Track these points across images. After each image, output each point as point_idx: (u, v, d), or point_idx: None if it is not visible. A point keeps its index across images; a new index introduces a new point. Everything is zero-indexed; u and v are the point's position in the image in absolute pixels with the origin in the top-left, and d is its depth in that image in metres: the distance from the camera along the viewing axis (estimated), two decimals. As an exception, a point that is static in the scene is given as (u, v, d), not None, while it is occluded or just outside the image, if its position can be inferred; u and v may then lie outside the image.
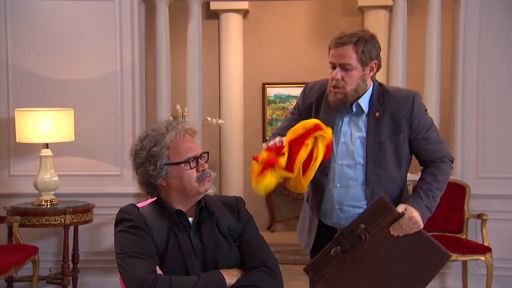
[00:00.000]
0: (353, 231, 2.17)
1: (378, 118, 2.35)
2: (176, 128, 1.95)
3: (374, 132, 2.34)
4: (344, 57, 2.30)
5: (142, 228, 1.89)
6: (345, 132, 2.37)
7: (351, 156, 2.37)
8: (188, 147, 1.95)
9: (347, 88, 2.32)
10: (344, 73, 2.31)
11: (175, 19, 5.15)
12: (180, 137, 1.94)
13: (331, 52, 2.35)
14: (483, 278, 4.23)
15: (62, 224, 4.17)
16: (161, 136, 1.93)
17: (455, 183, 4.44)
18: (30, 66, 4.62)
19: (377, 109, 2.35)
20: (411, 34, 4.85)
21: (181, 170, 1.94)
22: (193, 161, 1.95)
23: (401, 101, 2.36)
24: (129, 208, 1.97)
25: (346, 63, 2.30)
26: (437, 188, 2.35)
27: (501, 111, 4.49)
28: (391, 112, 2.35)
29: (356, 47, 2.30)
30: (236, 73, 6.56)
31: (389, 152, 2.36)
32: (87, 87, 4.63)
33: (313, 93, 2.48)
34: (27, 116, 4.22)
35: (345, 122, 2.38)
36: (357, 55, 2.30)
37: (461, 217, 4.40)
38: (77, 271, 4.48)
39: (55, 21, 4.64)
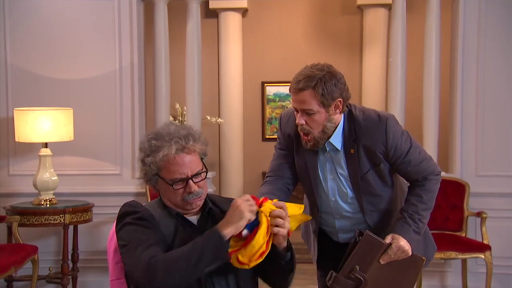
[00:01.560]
0: (350, 275, 2.17)
1: (353, 154, 2.28)
2: (173, 144, 1.87)
3: (353, 168, 2.30)
4: (304, 103, 2.19)
5: (149, 220, 1.88)
6: (330, 168, 2.34)
7: (341, 191, 2.36)
8: (176, 169, 1.88)
9: (314, 133, 2.23)
10: (307, 118, 2.22)
11: (174, 18, 5.15)
12: (171, 157, 1.88)
13: (292, 97, 2.25)
14: (482, 276, 4.23)
15: (62, 224, 4.17)
16: (157, 149, 1.89)
17: (454, 181, 4.45)
18: (29, 65, 4.62)
19: (351, 146, 2.28)
20: (410, 32, 4.85)
21: (167, 187, 1.91)
22: (179, 183, 1.89)
23: (373, 132, 2.26)
24: (134, 203, 1.97)
25: (307, 109, 2.20)
26: (424, 209, 2.31)
27: (500, 109, 4.49)
28: (365, 146, 2.27)
29: (315, 91, 2.17)
30: (235, 72, 6.56)
31: (374, 182, 2.32)
32: (86, 86, 4.63)
33: (289, 127, 2.39)
34: (26, 115, 4.21)
35: (327, 159, 2.34)
36: (317, 99, 2.18)
37: (460, 216, 4.40)
38: (77, 271, 4.48)
39: (54, 20, 4.63)
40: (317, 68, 2.21)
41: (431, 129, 4.58)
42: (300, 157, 2.37)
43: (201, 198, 1.93)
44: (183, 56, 4.88)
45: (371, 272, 2.18)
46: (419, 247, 2.38)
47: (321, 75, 2.18)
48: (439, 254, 4.08)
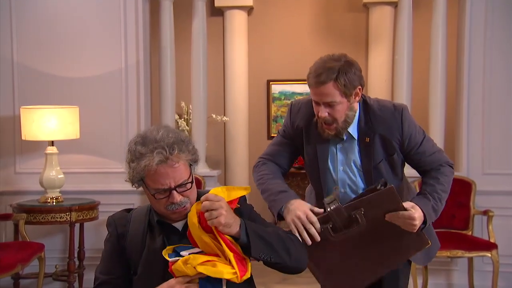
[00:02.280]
0: (351, 212, 2.11)
1: (368, 143, 2.27)
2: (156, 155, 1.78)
3: (367, 157, 2.28)
4: (327, 95, 2.17)
5: (114, 244, 1.93)
6: (341, 160, 2.32)
7: (352, 182, 2.34)
8: (158, 180, 1.81)
9: (338, 123, 2.23)
10: (330, 109, 2.20)
11: (179, 17, 5.16)
12: (152, 168, 1.79)
13: (311, 91, 2.22)
14: (489, 275, 4.22)
15: (68, 221, 4.18)
16: (140, 156, 1.80)
17: (461, 180, 4.43)
18: (35, 64, 4.63)
19: (366, 134, 2.27)
20: (416, 30, 4.83)
21: (150, 196, 1.88)
22: (161, 193, 1.83)
23: (389, 121, 2.27)
24: (115, 216, 1.99)
25: (331, 101, 2.18)
26: (442, 190, 2.28)
27: (506, 107, 4.47)
28: (380, 135, 2.26)
29: (337, 83, 2.15)
30: (240, 70, 6.55)
31: (386, 172, 2.31)
32: (92, 84, 4.64)
33: (300, 117, 2.38)
34: (33, 113, 4.23)
35: (338, 149, 2.32)
36: (340, 90, 2.17)
37: (467, 214, 4.39)
38: (83, 268, 4.50)
39: (60, 19, 4.64)
40: (334, 59, 2.20)
41: (437, 127, 4.56)
42: (311, 148, 2.34)
43: (185, 208, 1.85)
44: (188, 54, 4.88)
45: (372, 223, 2.12)
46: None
47: (340, 65, 2.17)
48: (446, 253, 4.07)
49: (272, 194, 2.26)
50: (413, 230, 2.16)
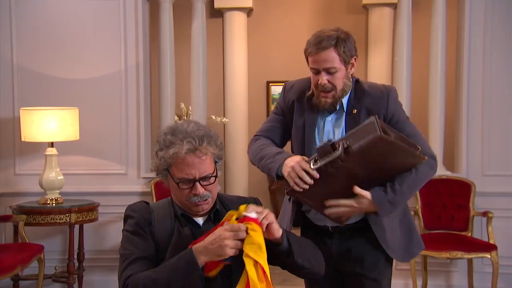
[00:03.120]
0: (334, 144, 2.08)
1: (355, 115, 2.32)
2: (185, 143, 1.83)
3: (352, 128, 2.26)
4: (327, 61, 2.25)
5: (142, 226, 1.88)
6: (327, 131, 2.35)
7: None
8: (184, 169, 1.84)
9: (336, 90, 2.28)
10: (330, 77, 2.26)
11: (179, 18, 5.16)
12: (180, 156, 1.83)
13: (311, 58, 2.29)
14: (488, 276, 4.22)
15: (68, 223, 4.18)
16: (170, 145, 1.85)
17: (460, 181, 4.43)
18: (35, 65, 4.63)
19: (354, 106, 2.33)
20: (416, 31, 4.83)
21: (174, 185, 1.89)
22: (185, 183, 1.86)
23: (376, 97, 2.34)
24: (136, 206, 1.96)
25: (330, 67, 2.25)
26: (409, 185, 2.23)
27: (506, 109, 4.48)
28: (367, 108, 2.32)
29: (337, 49, 2.25)
30: (240, 72, 6.56)
31: None
32: (92, 86, 4.64)
33: (293, 92, 2.44)
34: (32, 115, 4.23)
35: (327, 122, 2.35)
36: (340, 56, 2.26)
37: (466, 215, 4.39)
38: (83, 270, 4.49)
39: (59, 20, 4.65)
40: (332, 30, 2.30)
41: (437, 128, 4.57)
42: (299, 119, 2.39)
43: (207, 201, 1.89)
44: (188, 56, 4.88)
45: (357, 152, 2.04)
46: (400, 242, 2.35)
47: (339, 34, 2.28)
48: (445, 254, 4.08)
49: (269, 157, 2.30)
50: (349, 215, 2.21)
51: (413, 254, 2.45)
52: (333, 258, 2.34)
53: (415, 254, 2.49)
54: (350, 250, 2.35)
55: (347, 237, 2.35)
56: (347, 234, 2.35)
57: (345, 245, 2.35)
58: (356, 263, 2.35)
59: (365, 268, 2.34)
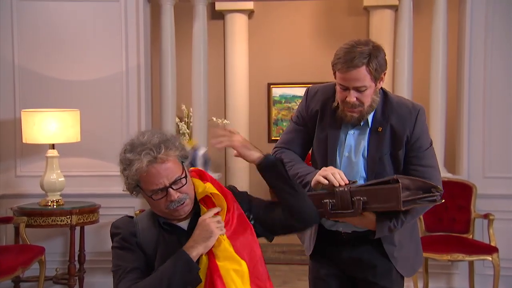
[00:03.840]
0: (353, 198, 2.12)
1: (380, 132, 2.25)
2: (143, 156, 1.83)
3: (376, 147, 2.26)
4: (359, 80, 2.15)
5: (128, 240, 1.91)
6: (348, 145, 2.30)
7: (353, 169, 2.30)
8: (152, 181, 1.83)
9: (364, 107, 2.20)
10: (359, 94, 2.17)
11: (180, 20, 5.16)
12: (143, 170, 1.82)
13: (340, 75, 2.17)
14: (489, 278, 4.21)
15: (68, 225, 4.18)
16: (130, 162, 1.85)
17: (461, 183, 4.43)
18: (36, 67, 4.64)
19: (380, 124, 2.26)
20: (417, 33, 4.84)
21: (149, 198, 1.88)
22: (158, 193, 1.84)
23: (404, 116, 2.26)
24: (119, 222, 1.98)
25: (361, 86, 2.16)
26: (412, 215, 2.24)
27: (507, 111, 4.48)
28: (393, 127, 2.25)
29: (369, 67, 2.14)
30: (241, 73, 6.56)
31: (388, 167, 2.27)
32: (93, 88, 4.65)
33: (316, 100, 2.36)
34: (34, 117, 4.23)
35: (349, 135, 2.30)
36: (371, 75, 2.15)
37: (467, 217, 4.38)
38: (83, 271, 4.49)
39: (61, 22, 4.65)
40: (363, 43, 2.19)
41: (438, 130, 4.56)
42: (322, 132, 2.33)
43: (185, 204, 1.87)
44: (189, 58, 4.89)
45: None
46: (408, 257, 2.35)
47: (370, 49, 2.16)
48: (446, 256, 4.07)
49: (300, 177, 2.27)
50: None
51: (415, 269, 2.44)
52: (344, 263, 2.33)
53: (417, 270, 2.47)
54: (362, 257, 2.31)
55: (359, 244, 2.32)
56: (359, 241, 2.31)
57: (357, 252, 2.32)
58: (368, 270, 2.31)
59: (377, 276, 2.30)
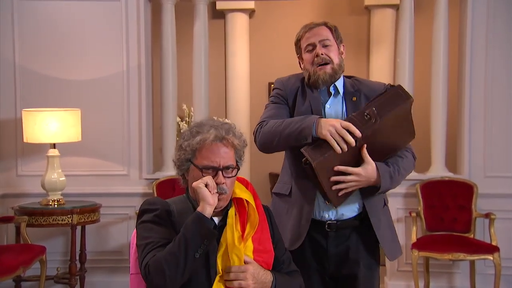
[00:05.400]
0: (364, 113, 2.18)
1: (355, 101, 2.38)
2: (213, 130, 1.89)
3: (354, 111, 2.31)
4: (321, 35, 2.38)
5: (164, 217, 1.89)
6: (329, 115, 2.36)
7: None
8: (209, 156, 1.88)
9: (333, 62, 2.36)
10: (326, 50, 2.36)
11: (181, 19, 5.16)
12: (207, 143, 1.88)
13: (306, 35, 2.40)
14: (491, 278, 4.21)
15: (70, 224, 4.18)
16: (197, 134, 1.90)
17: (462, 182, 4.43)
18: (37, 66, 4.64)
19: (353, 94, 2.39)
20: (418, 33, 4.83)
21: (196, 175, 1.89)
22: (209, 171, 1.87)
23: (373, 88, 2.41)
24: (154, 199, 1.98)
25: (325, 39, 2.37)
26: (403, 167, 2.32)
27: (508, 110, 4.47)
28: (366, 96, 2.38)
29: (330, 28, 2.40)
30: (242, 73, 6.56)
31: None
32: (94, 87, 4.65)
33: (293, 82, 2.47)
34: (35, 116, 4.23)
35: (326, 109, 2.38)
36: (332, 33, 2.39)
37: (468, 217, 4.38)
38: (85, 271, 4.49)
39: (61, 21, 4.65)
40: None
41: (439, 130, 4.56)
42: (304, 103, 2.40)
43: (224, 197, 1.89)
44: (190, 57, 4.88)
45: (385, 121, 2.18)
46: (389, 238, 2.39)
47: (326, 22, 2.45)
48: (448, 256, 4.07)
49: (297, 122, 2.26)
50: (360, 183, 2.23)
51: (396, 255, 2.46)
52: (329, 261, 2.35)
53: (397, 256, 2.49)
54: (347, 252, 2.35)
55: (343, 238, 2.34)
56: (343, 234, 2.34)
57: (342, 247, 2.34)
58: (352, 266, 2.35)
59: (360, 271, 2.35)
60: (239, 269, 1.84)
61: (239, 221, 1.91)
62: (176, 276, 1.76)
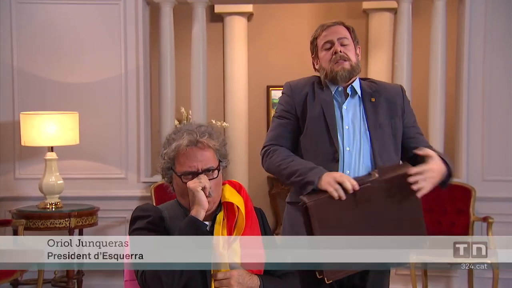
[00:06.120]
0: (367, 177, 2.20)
1: (374, 102, 2.36)
2: (186, 135, 1.88)
3: (374, 115, 2.34)
4: (340, 33, 2.39)
5: (157, 224, 1.88)
6: (347, 119, 2.34)
7: (357, 141, 2.32)
8: (186, 162, 1.87)
9: (351, 59, 2.35)
10: (343, 48, 2.37)
11: (179, 22, 5.16)
12: (181, 150, 1.87)
13: (323, 34, 2.40)
14: (489, 282, 4.20)
15: (67, 227, 4.18)
16: (172, 141, 1.90)
17: (460, 186, 4.43)
18: (35, 69, 4.63)
19: (371, 95, 2.37)
20: (416, 36, 4.84)
21: (178, 182, 1.89)
22: (188, 177, 1.87)
23: (392, 89, 2.43)
24: (146, 206, 1.97)
25: (343, 37, 2.38)
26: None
27: (506, 113, 4.48)
28: (385, 97, 2.38)
29: (346, 27, 2.42)
30: (240, 76, 6.56)
31: (388, 136, 2.35)
32: (92, 90, 4.64)
33: (301, 86, 2.43)
34: (32, 119, 4.23)
35: (344, 110, 2.35)
36: (349, 32, 2.41)
37: (466, 220, 4.38)
38: (82, 274, 4.48)
39: (60, 24, 4.65)
40: None
41: (437, 134, 4.57)
42: (316, 108, 2.36)
43: (210, 200, 1.87)
44: (188, 60, 4.88)
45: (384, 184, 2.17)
46: None
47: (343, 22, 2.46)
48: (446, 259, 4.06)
49: (302, 174, 2.23)
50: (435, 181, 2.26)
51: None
52: None
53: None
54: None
55: None
56: None
57: None
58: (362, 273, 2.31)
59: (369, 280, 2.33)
60: (224, 276, 1.84)
61: (226, 227, 1.91)
62: (173, 282, 1.76)
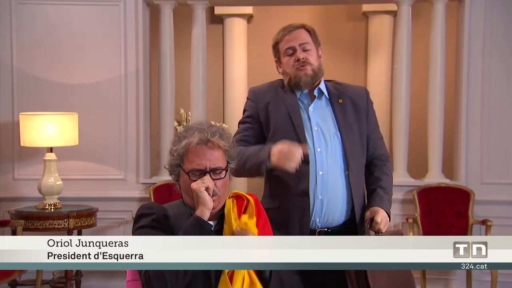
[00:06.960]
0: None
1: (342, 103, 2.38)
2: (197, 133, 1.89)
3: (343, 116, 2.35)
4: (301, 38, 2.37)
5: (162, 222, 1.88)
6: (315, 120, 2.35)
7: (327, 142, 2.32)
8: (195, 159, 1.87)
9: (313, 65, 2.35)
10: (306, 54, 2.36)
11: (179, 24, 5.17)
12: (191, 147, 1.88)
13: (285, 39, 2.38)
14: (487, 285, 4.21)
15: (66, 228, 4.17)
16: (183, 139, 1.91)
17: (459, 189, 4.43)
18: (35, 70, 4.64)
19: (338, 97, 2.39)
20: (415, 39, 4.85)
21: (186, 180, 1.90)
22: (195, 175, 1.88)
23: (357, 92, 2.44)
24: (150, 204, 1.98)
25: (305, 42, 2.37)
26: (391, 187, 2.43)
27: (505, 117, 4.49)
28: (351, 98, 2.40)
29: (308, 30, 2.40)
30: (240, 78, 6.56)
31: (357, 137, 2.37)
32: (92, 91, 4.65)
33: (264, 93, 2.46)
34: (32, 120, 4.23)
35: (311, 112, 2.37)
36: (311, 36, 2.39)
37: (465, 223, 4.38)
38: (81, 275, 4.48)
39: (59, 25, 4.66)
40: None
41: (436, 136, 4.57)
42: (281, 111, 2.38)
43: (215, 199, 1.88)
44: (188, 62, 4.89)
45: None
46: None
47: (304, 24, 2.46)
48: (444, 262, 4.07)
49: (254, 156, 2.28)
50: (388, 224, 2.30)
51: None
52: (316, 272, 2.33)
53: None
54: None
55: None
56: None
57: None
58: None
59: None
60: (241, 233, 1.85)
61: (236, 206, 1.92)
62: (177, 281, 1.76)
